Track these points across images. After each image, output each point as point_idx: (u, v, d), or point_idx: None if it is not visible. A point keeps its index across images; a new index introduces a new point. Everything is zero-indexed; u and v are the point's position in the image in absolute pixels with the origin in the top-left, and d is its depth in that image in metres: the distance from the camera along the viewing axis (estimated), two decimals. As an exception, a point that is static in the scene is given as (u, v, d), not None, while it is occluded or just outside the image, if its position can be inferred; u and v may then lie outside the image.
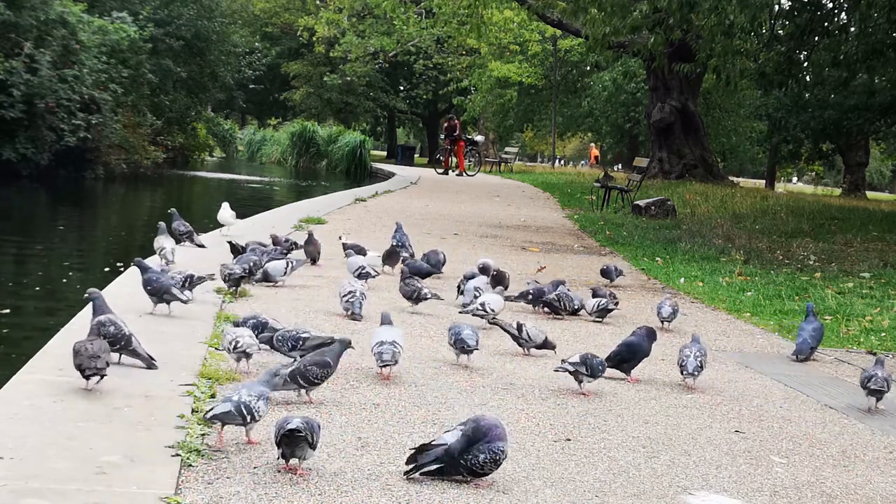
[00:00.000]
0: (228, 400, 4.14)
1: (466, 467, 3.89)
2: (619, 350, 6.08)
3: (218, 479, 3.81)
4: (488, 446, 3.90)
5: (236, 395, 4.15)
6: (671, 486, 4.22)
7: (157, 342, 5.62)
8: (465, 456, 3.88)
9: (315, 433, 3.84)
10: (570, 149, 79.51)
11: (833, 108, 31.64)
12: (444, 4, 34.11)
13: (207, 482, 3.77)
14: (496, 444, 3.91)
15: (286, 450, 3.85)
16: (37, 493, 3.47)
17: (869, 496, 4.37)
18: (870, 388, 5.77)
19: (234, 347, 5.21)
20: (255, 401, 4.13)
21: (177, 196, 28.55)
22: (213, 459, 4.01)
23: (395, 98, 57.66)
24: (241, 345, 5.20)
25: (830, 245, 14.87)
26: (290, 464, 3.91)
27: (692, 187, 24.34)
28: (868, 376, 5.77)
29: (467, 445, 3.90)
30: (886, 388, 5.76)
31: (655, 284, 10.61)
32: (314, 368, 4.81)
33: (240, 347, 5.20)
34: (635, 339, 6.10)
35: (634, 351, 6.05)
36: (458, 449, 3.91)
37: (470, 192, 24.20)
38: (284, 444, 3.84)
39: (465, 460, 3.88)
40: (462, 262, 10.59)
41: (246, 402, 4.11)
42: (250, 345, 5.22)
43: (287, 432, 3.79)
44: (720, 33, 14.93)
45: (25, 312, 9.73)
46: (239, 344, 5.20)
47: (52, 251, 14.24)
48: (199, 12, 38.27)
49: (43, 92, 24.47)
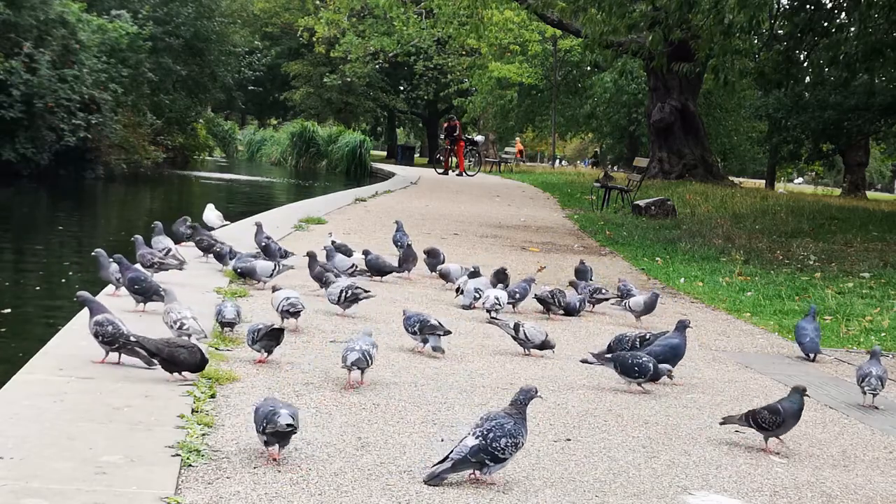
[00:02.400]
0: (353, 350, 5.13)
1: (489, 454, 3.91)
2: (662, 350, 6.02)
3: (218, 479, 3.81)
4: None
5: (357, 345, 5.16)
6: (671, 486, 4.22)
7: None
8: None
9: (298, 420, 4.04)
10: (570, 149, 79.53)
11: (833, 109, 31.63)
12: (444, 5, 34.08)
13: (207, 482, 3.77)
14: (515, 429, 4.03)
15: (275, 440, 3.97)
16: (37, 493, 3.47)
17: (869, 496, 4.37)
18: (864, 389, 5.86)
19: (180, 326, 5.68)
20: (371, 349, 5.22)
21: (176, 196, 28.56)
22: (213, 459, 4.01)
23: (395, 98, 57.65)
24: (185, 326, 5.69)
25: (830, 245, 14.87)
26: (271, 450, 4.02)
27: (692, 187, 24.34)
28: (863, 375, 5.81)
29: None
30: (881, 386, 5.80)
31: (655, 284, 10.60)
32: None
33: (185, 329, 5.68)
34: (677, 341, 6.09)
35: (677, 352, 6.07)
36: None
37: (470, 192, 24.20)
38: (278, 438, 3.95)
39: (488, 449, 3.93)
40: (462, 261, 10.59)
41: (366, 349, 5.17)
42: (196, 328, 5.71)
43: (283, 427, 3.91)
44: (719, 33, 14.93)
45: (25, 312, 9.73)
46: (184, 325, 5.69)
47: (51, 251, 14.24)
48: (198, 11, 38.27)
49: (42, 92, 24.48)
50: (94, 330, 5.24)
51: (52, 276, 11.78)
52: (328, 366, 5.64)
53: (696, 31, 16.92)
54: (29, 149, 24.56)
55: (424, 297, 8.47)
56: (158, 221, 8.98)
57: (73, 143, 25.50)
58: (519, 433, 3.98)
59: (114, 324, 5.26)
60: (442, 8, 34.56)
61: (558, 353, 6.53)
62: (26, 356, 5.49)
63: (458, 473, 3.96)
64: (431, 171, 35.35)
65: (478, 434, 3.93)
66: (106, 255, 7.01)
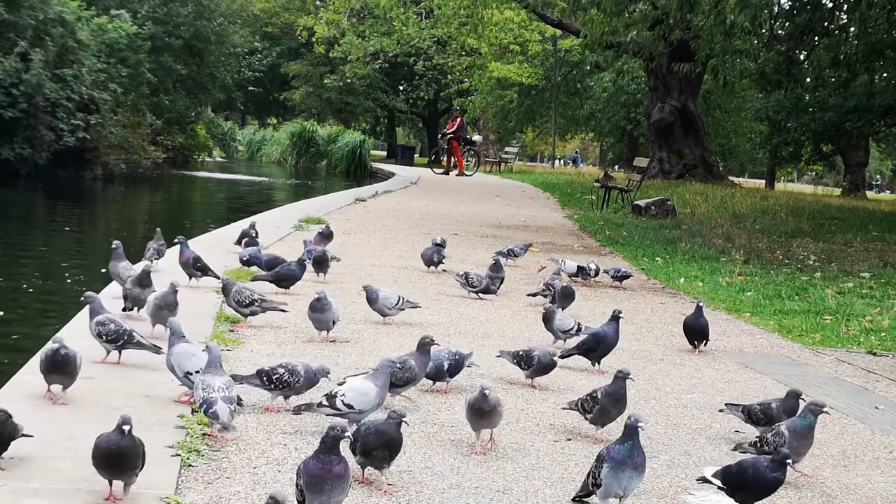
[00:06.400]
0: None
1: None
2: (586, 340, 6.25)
3: (218, 479, 3.81)
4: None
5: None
6: (671, 486, 4.22)
7: (157, 343, 5.61)
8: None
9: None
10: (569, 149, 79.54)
11: (833, 110, 31.61)
12: (444, 4, 34.07)
13: (207, 482, 3.77)
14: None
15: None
16: (37, 493, 3.47)
17: (869, 496, 4.37)
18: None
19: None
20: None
21: (176, 196, 28.56)
22: (213, 459, 4.01)
23: (395, 98, 57.64)
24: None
25: (830, 245, 14.87)
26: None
27: (692, 187, 24.34)
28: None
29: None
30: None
31: (655, 284, 10.60)
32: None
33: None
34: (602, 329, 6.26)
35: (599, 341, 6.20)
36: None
37: (470, 192, 24.19)
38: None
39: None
40: (461, 261, 10.62)
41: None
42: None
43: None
44: (720, 33, 14.93)
45: (25, 312, 9.73)
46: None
47: (50, 251, 14.24)
48: (197, 12, 38.27)
49: (37, 91, 24.41)
50: (97, 330, 5.25)
51: (52, 277, 11.78)
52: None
53: (696, 32, 16.94)
54: (27, 149, 24.56)
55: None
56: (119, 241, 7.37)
57: (72, 143, 25.49)
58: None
59: (115, 322, 5.28)
60: (442, 8, 34.54)
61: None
62: (26, 356, 5.49)
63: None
64: (431, 171, 35.33)
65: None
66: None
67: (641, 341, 7.38)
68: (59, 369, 4.51)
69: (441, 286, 9.09)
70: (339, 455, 3.38)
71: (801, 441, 4.30)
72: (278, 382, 4.70)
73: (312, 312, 6.23)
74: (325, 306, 6.20)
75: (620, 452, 3.68)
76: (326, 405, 4.37)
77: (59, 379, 4.55)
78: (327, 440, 3.38)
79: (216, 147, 49.85)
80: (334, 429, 3.39)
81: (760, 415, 4.82)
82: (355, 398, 4.34)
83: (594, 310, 8.49)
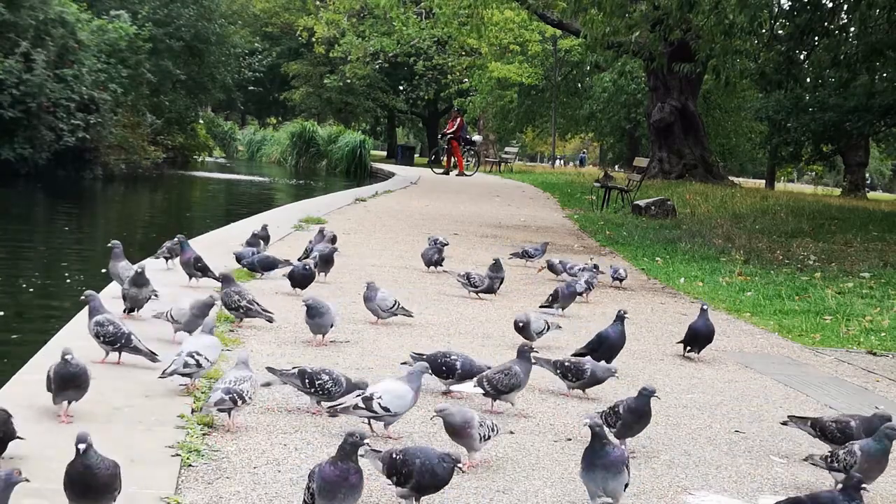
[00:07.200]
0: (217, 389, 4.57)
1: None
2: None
3: (218, 479, 3.81)
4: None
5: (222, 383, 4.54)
6: (671, 486, 4.22)
7: (157, 342, 5.62)
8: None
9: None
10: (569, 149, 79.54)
11: (833, 111, 31.59)
12: (444, 4, 34.06)
13: (207, 482, 3.77)
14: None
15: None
16: (37, 493, 3.47)
17: (869, 496, 4.36)
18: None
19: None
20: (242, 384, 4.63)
21: (176, 196, 28.55)
22: (213, 459, 4.01)
23: (395, 98, 57.65)
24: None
25: (830, 245, 14.87)
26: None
27: (692, 187, 24.34)
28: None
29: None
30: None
31: (655, 284, 10.61)
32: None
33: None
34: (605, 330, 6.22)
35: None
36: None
37: (470, 192, 24.19)
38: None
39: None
40: (461, 261, 10.62)
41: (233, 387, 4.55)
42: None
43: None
44: (720, 33, 14.93)
45: (25, 313, 9.73)
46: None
47: (50, 251, 14.23)
48: (198, 13, 38.26)
49: (39, 91, 24.42)
50: (95, 330, 5.24)
51: (52, 277, 11.78)
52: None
53: (696, 32, 16.93)
54: (27, 149, 24.55)
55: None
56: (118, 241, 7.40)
57: (72, 143, 25.48)
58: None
59: (114, 324, 5.27)
60: (442, 8, 34.53)
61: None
62: (26, 356, 5.49)
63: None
64: (431, 171, 35.32)
65: None
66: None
67: (641, 341, 7.37)
68: (70, 384, 4.34)
69: (441, 286, 9.10)
70: (356, 463, 3.35)
71: (874, 465, 4.11)
72: (320, 388, 4.68)
73: (309, 319, 6.23)
74: (320, 311, 6.19)
75: (588, 456, 3.73)
76: (363, 407, 4.35)
77: (71, 394, 4.39)
78: (346, 447, 3.34)
79: (216, 147, 49.84)
80: (353, 435, 3.35)
81: (837, 433, 4.55)
82: (392, 401, 4.34)
83: (594, 310, 8.49)
